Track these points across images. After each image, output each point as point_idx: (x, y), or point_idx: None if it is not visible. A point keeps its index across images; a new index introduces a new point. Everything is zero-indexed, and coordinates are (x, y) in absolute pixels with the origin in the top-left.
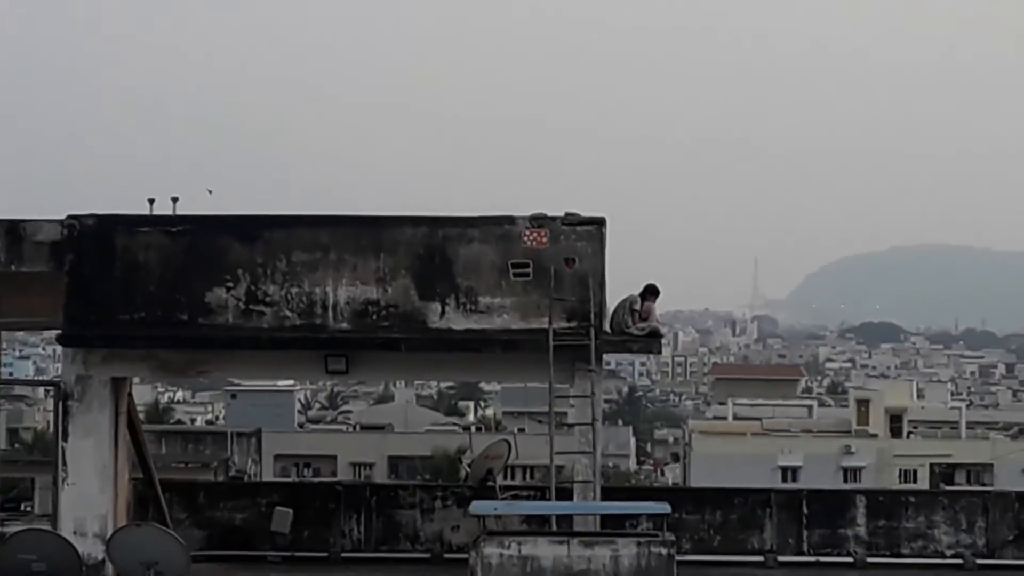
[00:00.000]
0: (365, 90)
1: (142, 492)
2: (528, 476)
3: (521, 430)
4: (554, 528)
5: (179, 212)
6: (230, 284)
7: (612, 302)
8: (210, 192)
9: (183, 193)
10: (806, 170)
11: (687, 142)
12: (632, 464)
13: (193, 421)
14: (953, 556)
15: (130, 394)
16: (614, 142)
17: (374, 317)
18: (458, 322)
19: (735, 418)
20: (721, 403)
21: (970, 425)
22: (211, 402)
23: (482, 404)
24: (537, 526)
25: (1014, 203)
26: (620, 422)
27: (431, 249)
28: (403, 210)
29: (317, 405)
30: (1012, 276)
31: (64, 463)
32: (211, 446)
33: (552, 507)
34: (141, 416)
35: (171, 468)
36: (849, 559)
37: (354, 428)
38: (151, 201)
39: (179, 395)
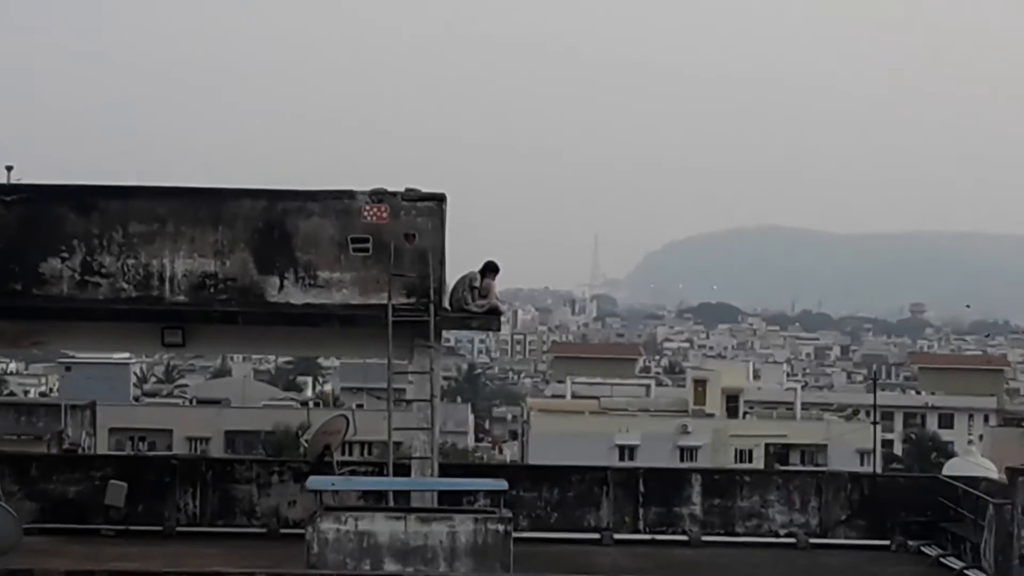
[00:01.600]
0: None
1: None
2: (366, 452)
3: (359, 406)
4: (391, 504)
5: (13, 181)
6: (65, 255)
7: (452, 279)
8: (9, 169)
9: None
10: (648, 149)
11: (531, 118)
12: (470, 441)
13: (27, 393)
14: (786, 535)
15: None
16: (456, 118)
17: (212, 290)
18: (297, 296)
19: (573, 396)
20: (560, 381)
21: (805, 406)
22: (45, 374)
23: (320, 379)
24: (374, 502)
25: (853, 187)
26: (459, 399)
27: (270, 223)
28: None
29: (153, 379)
30: (849, 259)
31: None
32: (44, 418)
33: (390, 483)
34: None
35: (3, 440)
36: (684, 537)
37: (191, 402)
38: None
39: (12, 367)
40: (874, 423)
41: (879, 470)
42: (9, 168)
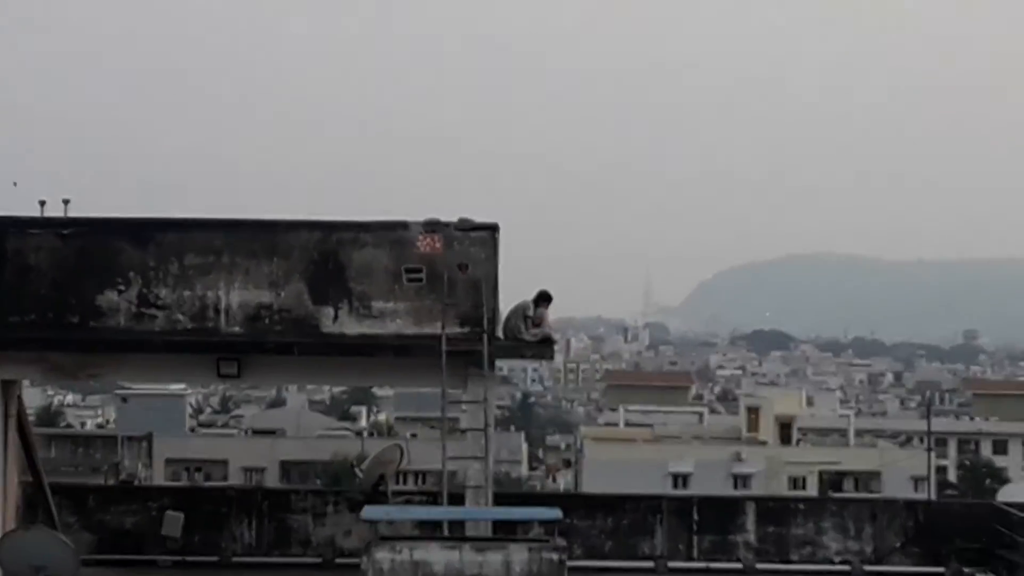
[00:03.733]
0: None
1: (31, 496)
2: (420, 481)
3: (414, 435)
4: (446, 533)
5: (70, 214)
6: (122, 287)
7: (505, 308)
8: (15, 184)
9: (75, 196)
10: (700, 179)
11: (583, 151)
12: (524, 470)
13: (83, 425)
14: (841, 562)
15: (20, 397)
16: (510, 150)
17: (267, 321)
18: (351, 327)
19: (627, 424)
20: (613, 409)
21: (858, 433)
22: (102, 405)
23: (375, 409)
24: (429, 531)
25: (904, 213)
26: (512, 428)
27: (325, 254)
28: (297, 216)
29: (209, 409)
30: (901, 286)
31: None
32: (101, 450)
33: (444, 512)
34: (31, 419)
35: (61, 472)
36: (739, 565)
37: (246, 433)
38: (42, 203)
39: (69, 398)
40: (928, 450)
41: (933, 497)
42: (66, 201)
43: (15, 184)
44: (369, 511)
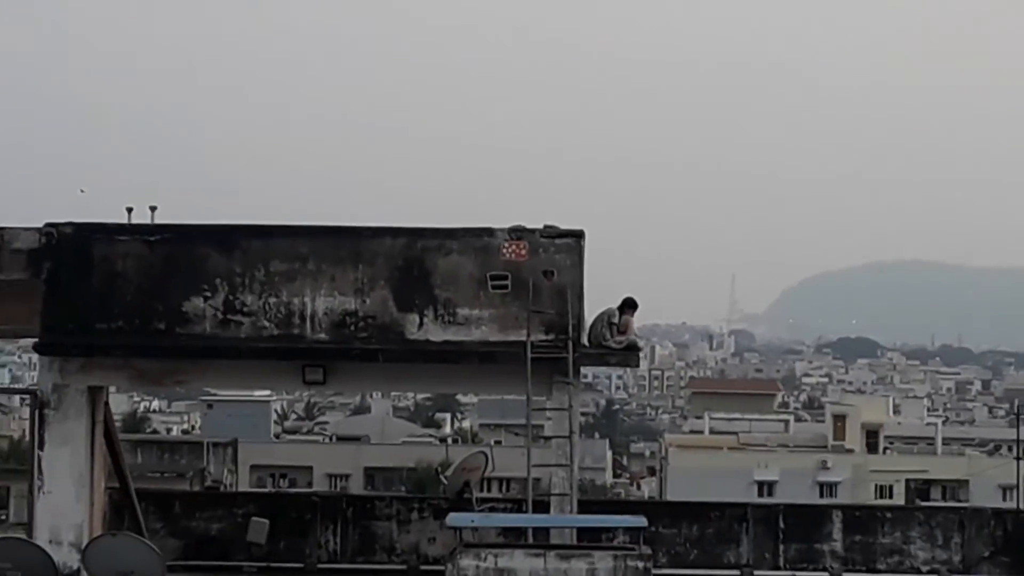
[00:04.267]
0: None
1: (118, 501)
2: (505, 489)
3: (498, 442)
4: (531, 541)
5: (157, 221)
6: (208, 294)
7: (590, 315)
8: (82, 191)
9: (162, 203)
10: (784, 186)
11: (668, 156)
12: (608, 477)
13: (169, 431)
14: (929, 572)
15: (107, 403)
16: (595, 157)
17: (352, 328)
18: (436, 333)
19: (711, 432)
20: (698, 417)
21: (946, 441)
22: (187, 412)
23: (459, 416)
24: (514, 539)
25: (989, 220)
26: (597, 435)
27: (410, 260)
28: (381, 222)
29: (293, 415)
30: (988, 292)
31: (40, 471)
32: (187, 456)
33: (529, 520)
34: (117, 425)
35: (147, 478)
36: (825, 574)
37: (330, 439)
38: (129, 210)
39: (155, 404)
40: (1017, 458)
41: (1022, 506)
42: (153, 208)
43: (82, 191)
44: (453, 518)
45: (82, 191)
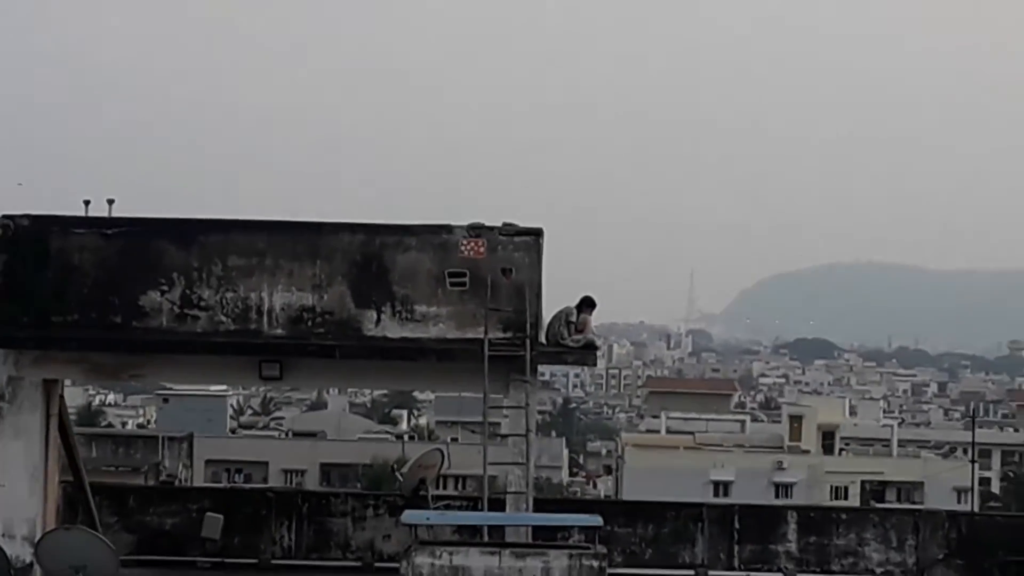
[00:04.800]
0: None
1: (72, 495)
2: (461, 486)
3: (454, 440)
4: (486, 539)
5: (115, 214)
6: (165, 288)
7: (548, 313)
8: (110, 202)
9: (119, 195)
10: (742, 185)
11: (626, 155)
12: (565, 476)
13: (124, 424)
14: (883, 573)
15: (61, 396)
16: (553, 154)
17: (309, 324)
18: (394, 330)
19: (668, 431)
20: (654, 416)
21: (901, 443)
22: (143, 406)
23: (416, 413)
24: (469, 536)
25: (948, 222)
26: (553, 434)
27: (368, 256)
28: (340, 218)
29: (249, 411)
30: (945, 295)
31: None
32: (142, 450)
33: (484, 518)
34: (72, 419)
35: (101, 472)
36: (779, 574)
37: (286, 435)
38: (87, 203)
39: (111, 398)
40: (972, 461)
41: (977, 509)
42: (110, 201)
43: (20, 184)
44: (409, 515)
45: (20, 184)
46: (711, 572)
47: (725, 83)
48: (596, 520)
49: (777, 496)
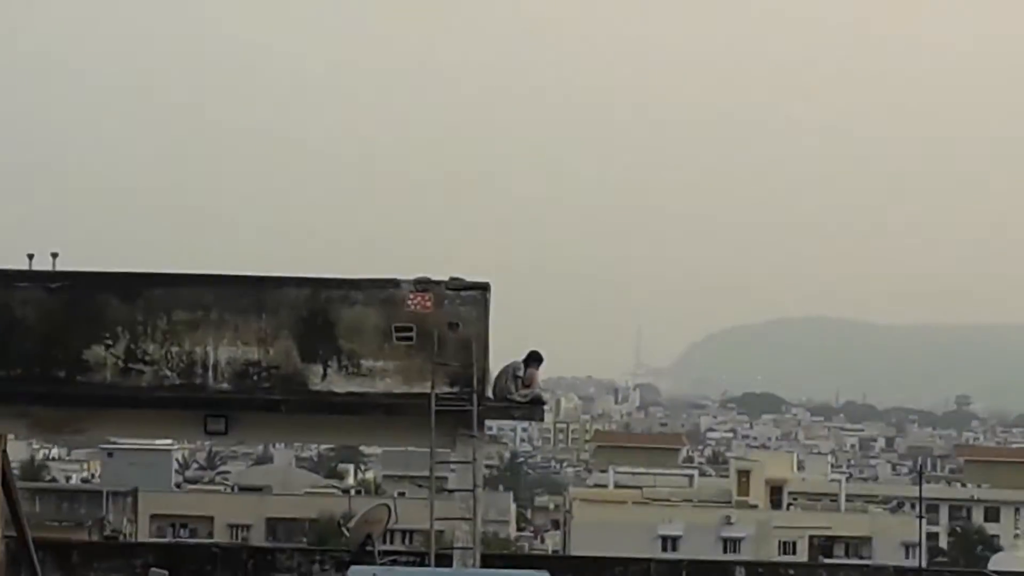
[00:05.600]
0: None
1: (15, 551)
2: (408, 541)
3: (401, 494)
4: None
5: (59, 268)
6: (109, 342)
7: (495, 368)
8: (54, 256)
9: (63, 249)
10: (690, 239)
11: (573, 209)
12: (512, 531)
13: (68, 479)
14: None
15: (4, 451)
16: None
17: (255, 378)
18: (340, 384)
19: (616, 486)
20: (602, 471)
21: (849, 498)
22: (87, 460)
23: (362, 467)
24: None
25: (895, 278)
26: (501, 488)
27: (314, 311)
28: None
29: (195, 465)
30: (893, 350)
31: None
32: (86, 505)
33: (431, 573)
34: (15, 473)
35: (45, 526)
36: None
37: (232, 489)
38: (30, 256)
39: (55, 452)
40: (919, 516)
41: (924, 564)
42: (54, 255)
43: None
44: (355, 571)
45: None
46: None
47: (672, 138)
48: (543, 575)
49: (725, 551)
